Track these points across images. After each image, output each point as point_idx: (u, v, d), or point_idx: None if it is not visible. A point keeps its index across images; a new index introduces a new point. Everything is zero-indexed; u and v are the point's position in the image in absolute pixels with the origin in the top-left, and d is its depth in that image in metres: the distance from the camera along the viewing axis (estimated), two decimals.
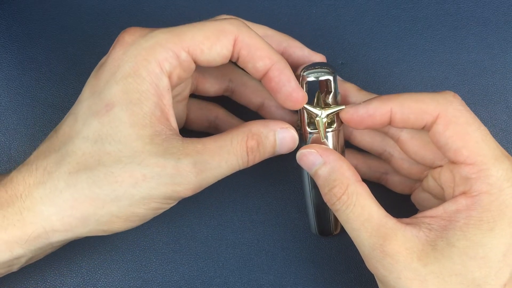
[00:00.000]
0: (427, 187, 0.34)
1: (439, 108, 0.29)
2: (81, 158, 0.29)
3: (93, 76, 0.30)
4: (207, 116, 0.37)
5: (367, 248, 0.29)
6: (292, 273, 0.38)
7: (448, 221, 0.29)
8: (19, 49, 0.40)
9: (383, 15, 0.41)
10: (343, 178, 0.30)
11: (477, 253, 0.28)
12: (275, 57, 0.30)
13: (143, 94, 0.28)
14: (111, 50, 0.30)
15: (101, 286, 0.37)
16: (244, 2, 0.41)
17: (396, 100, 0.30)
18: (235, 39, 0.30)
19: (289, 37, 0.34)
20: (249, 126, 0.31)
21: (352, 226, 0.30)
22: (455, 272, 0.28)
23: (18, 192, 0.29)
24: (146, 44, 0.29)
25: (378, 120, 0.31)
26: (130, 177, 0.28)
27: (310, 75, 0.31)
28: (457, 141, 0.29)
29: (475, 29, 0.41)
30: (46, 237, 0.29)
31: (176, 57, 0.29)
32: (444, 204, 0.30)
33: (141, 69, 0.28)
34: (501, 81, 0.40)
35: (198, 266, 0.38)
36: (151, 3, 0.41)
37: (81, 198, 0.29)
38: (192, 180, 0.29)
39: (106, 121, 0.28)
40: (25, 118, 0.39)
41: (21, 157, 0.38)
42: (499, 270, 0.28)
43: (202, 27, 0.30)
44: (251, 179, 0.39)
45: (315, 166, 0.31)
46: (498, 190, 0.28)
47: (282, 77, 0.30)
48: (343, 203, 0.30)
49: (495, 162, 0.28)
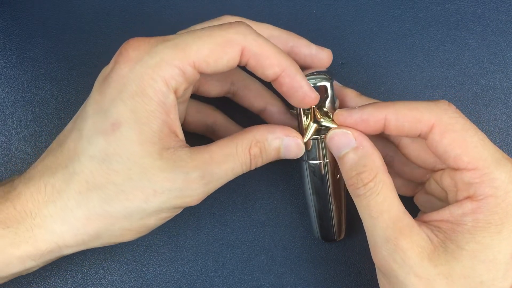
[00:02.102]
0: (430, 190, 0.34)
1: (434, 116, 0.29)
2: (89, 177, 0.29)
3: (97, 91, 0.30)
4: (205, 120, 0.37)
5: (381, 238, 0.29)
6: (292, 273, 0.38)
7: (456, 224, 0.29)
8: (19, 49, 0.40)
9: (383, 15, 0.41)
10: (373, 165, 0.30)
11: (487, 256, 0.28)
12: (285, 63, 0.30)
13: (151, 114, 0.28)
14: (115, 64, 0.29)
15: (101, 286, 0.37)
16: (244, 2, 0.41)
17: (392, 107, 0.30)
18: (242, 50, 0.29)
19: (295, 36, 0.34)
20: (255, 132, 0.31)
21: (370, 213, 0.30)
22: (463, 275, 0.28)
23: (27, 209, 0.29)
24: (151, 61, 0.28)
25: (371, 126, 0.31)
26: (141, 194, 0.29)
27: (308, 81, 0.32)
28: (455, 148, 0.29)
29: (475, 29, 0.41)
30: (58, 251, 0.30)
31: (182, 73, 0.29)
32: (449, 207, 0.30)
33: (147, 88, 0.28)
34: (501, 81, 0.40)
35: (199, 266, 0.38)
36: (151, 3, 0.41)
37: (93, 216, 0.29)
38: (201, 191, 0.30)
39: (113, 140, 0.28)
40: (25, 118, 0.39)
41: (21, 157, 0.38)
42: (506, 272, 0.28)
43: (208, 38, 0.29)
44: (252, 179, 0.39)
45: (346, 149, 0.31)
46: (504, 193, 0.28)
47: (293, 83, 0.30)
48: (369, 189, 0.30)
49: (497, 165, 0.28)
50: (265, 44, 0.29)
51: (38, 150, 0.38)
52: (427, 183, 0.34)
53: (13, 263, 0.30)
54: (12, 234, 0.29)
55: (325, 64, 0.34)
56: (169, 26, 0.35)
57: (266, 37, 0.31)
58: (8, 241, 0.29)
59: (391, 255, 0.29)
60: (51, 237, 0.29)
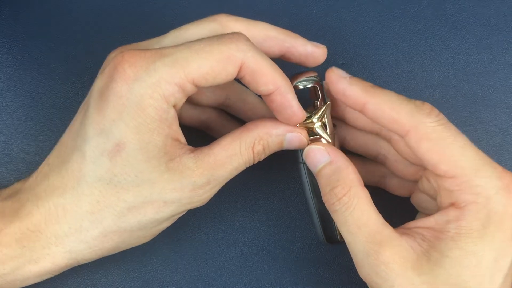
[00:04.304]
0: (422, 188, 0.34)
1: (411, 123, 0.29)
2: (100, 197, 0.29)
3: (95, 110, 0.29)
4: (199, 116, 0.36)
5: (362, 253, 0.29)
6: (293, 273, 0.38)
7: (440, 232, 0.29)
8: (20, 49, 0.40)
9: (383, 15, 0.41)
10: (347, 179, 0.30)
11: (470, 262, 0.28)
12: (279, 82, 0.30)
13: (154, 132, 0.28)
14: (111, 81, 0.28)
15: (102, 286, 0.37)
16: (245, 2, 0.41)
17: (375, 97, 0.30)
18: (241, 66, 0.29)
19: (292, 35, 0.33)
20: (259, 129, 0.31)
21: (349, 229, 0.30)
22: (449, 282, 0.28)
23: (41, 228, 0.30)
24: (150, 80, 0.28)
25: (350, 103, 0.31)
26: (153, 207, 0.30)
27: (299, 83, 0.33)
28: (432, 156, 0.29)
29: (476, 30, 0.41)
30: (76, 263, 0.31)
31: (181, 90, 0.28)
32: (435, 215, 0.30)
33: (148, 108, 0.28)
34: (501, 81, 0.40)
35: (199, 266, 0.38)
36: (151, 3, 0.41)
37: (109, 234, 0.30)
38: (207, 195, 0.31)
39: (119, 160, 0.28)
40: (25, 118, 0.39)
41: (22, 158, 0.38)
42: (492, 277, 0.28)
43: (208, 55, 0.28)
44: (252, 179, 0.39)
45: (321, 164, 0.31)
46: (485, 199, 0.28)
47: (283, 101, 0.30)
48: (343, 204, 0.30)
49: (477, 172, 0.28)
50: (263, 61, 0.29)
51: (39, 151, 0.38)
52: (420, 181, 0.34)
53: (31, 278, 0.31)
54: (29, 252, 0.30)
55: (320, 61, 0.34)
56: (169, 26, 0.35)
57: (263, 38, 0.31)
58: (26, 259, 0.30)
59: (374, 269, 0.29)
60: (70, 254, 0.30)
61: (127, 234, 0.30)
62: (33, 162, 0.38)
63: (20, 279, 0.30)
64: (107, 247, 0.30)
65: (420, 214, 0.35)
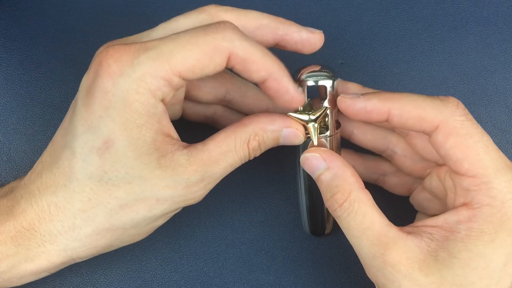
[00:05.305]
0: (429, 186, 0.33)
1: (440, 118, 0.29)
2: (91, 195, 0.29)
3: (83, 106, 0.28)
4: (204, 111, 0.36)
5: (368, 256, 0.29)
6: (292, 273, 0.37)
7: (449, 232, 0.28)
8: (19, 49, 0.40)
9: (383, 15, 0.41)
10: (345, 184, 0.30)
11: (479, 264, 0.28)
12: (272, 67, 0.29)
13: (142, 127, 0.28)
14: (96, 76, 0.28)
15: (101, 286, 0.37)
16: (245, 2, 0.41)
17: (397, 102, 0.29)
18: (229, 55, 0.28)
19: (285, 22, 0.32)
20: (254, 124, 0.30)
21: (353, 233, 0.29)
22: (456, 283, 0.28)
23: (35, 226, 0.29)
24: (135, 75, 0.27)
25: (374, 118, 0.30)
26: (145, 205, 0.29)
27: (309, 78, 0.31)
28: (457, 152, 0.28)
29: (475, 29, 0.41)
30: (72, 261, 0.31)
31: (167, 84, 0.28)
32: (445, 214, 0.29)
33: (134, 103, 0.27)
34: (501, 81, 0.40)
35: (198, 266, 0.38)
36: (151, 3, 0.41)
37: (102, 232, 0.30)
38: (202, 192, 0.30)
39: (108, 157, 0.28)
40: (24, 118, 0.39)
41: (21, 157, 0.38)
42: (499, 280, 0.28)
43: (193, 46, 0.27)
44: (251, 179, 0.39)
45: (318, 171, 0.31)
46: (500, 203, 0.28)
47: (279, 87, 0.30)
48: (345, 210, 0.29)
49: (497, 174, 0.28)
50: (252, 48, 0.28)
51: (37, 150, 0.38)
52: (427, 178, 0.33)
53: (27, 275, 0.31)
54: (24, 250, 0.30)
55: (317, 47, 0.32)
56: None
57: (255, 27, 0.30)
58: (22, 257, 0.30)
59: (381, 271, 0.29)
60: (65, 252, 0.30)
61: (120, 232, 0.30)
62: (31, 161, 0.38)
63: (16, 277, 0.30)
64: (101, 244, 0.30)
65: (420, 215, 0.35)
